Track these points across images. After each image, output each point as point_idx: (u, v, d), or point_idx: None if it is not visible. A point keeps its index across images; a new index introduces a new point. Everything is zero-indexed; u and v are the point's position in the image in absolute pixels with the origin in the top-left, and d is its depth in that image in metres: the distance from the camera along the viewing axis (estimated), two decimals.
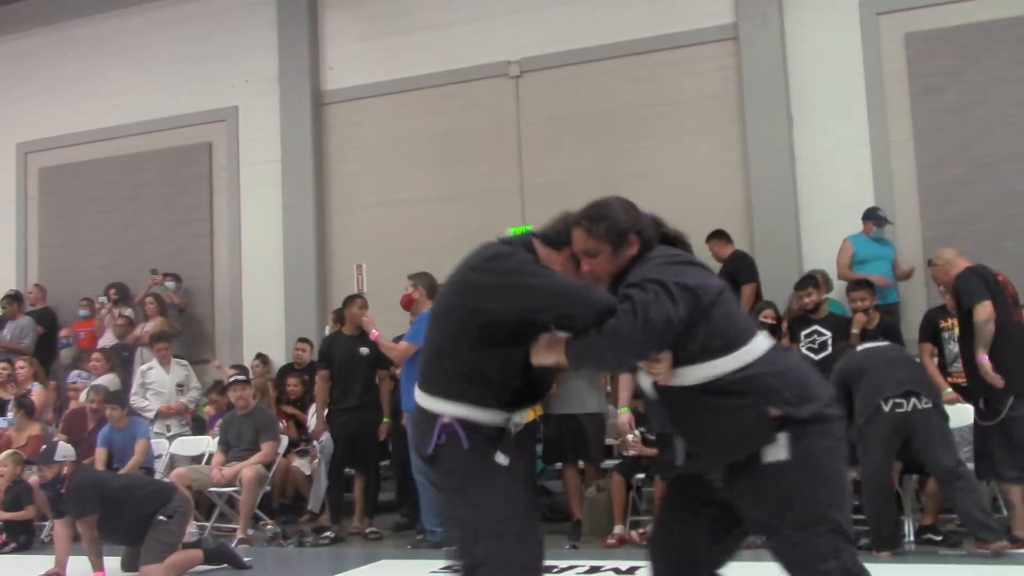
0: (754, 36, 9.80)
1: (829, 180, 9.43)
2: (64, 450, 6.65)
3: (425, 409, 3.24)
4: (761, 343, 3.02)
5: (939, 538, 6.51)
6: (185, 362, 9.99)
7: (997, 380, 6.13)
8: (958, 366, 7.09)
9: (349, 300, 8.49)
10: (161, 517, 6.34)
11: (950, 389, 7.13)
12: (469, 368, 3.13)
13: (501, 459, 3.15)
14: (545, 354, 3.05)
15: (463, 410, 3.15)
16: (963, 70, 9.25)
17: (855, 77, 9.52)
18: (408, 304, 7.68)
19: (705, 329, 2.94)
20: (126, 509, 6.37)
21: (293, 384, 9.54)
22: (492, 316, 3.07)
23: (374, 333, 7.67)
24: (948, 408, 6.53)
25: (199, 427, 9.66)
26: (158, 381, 9.52)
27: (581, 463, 7.62)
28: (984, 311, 6.18)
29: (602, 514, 7.36)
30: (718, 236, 9.09)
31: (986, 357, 6.17)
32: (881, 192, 9.28)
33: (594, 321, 2.89)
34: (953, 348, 7.23)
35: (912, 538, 6.63)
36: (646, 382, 3.13)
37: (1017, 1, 9.11)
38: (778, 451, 2.91)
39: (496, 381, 3.14)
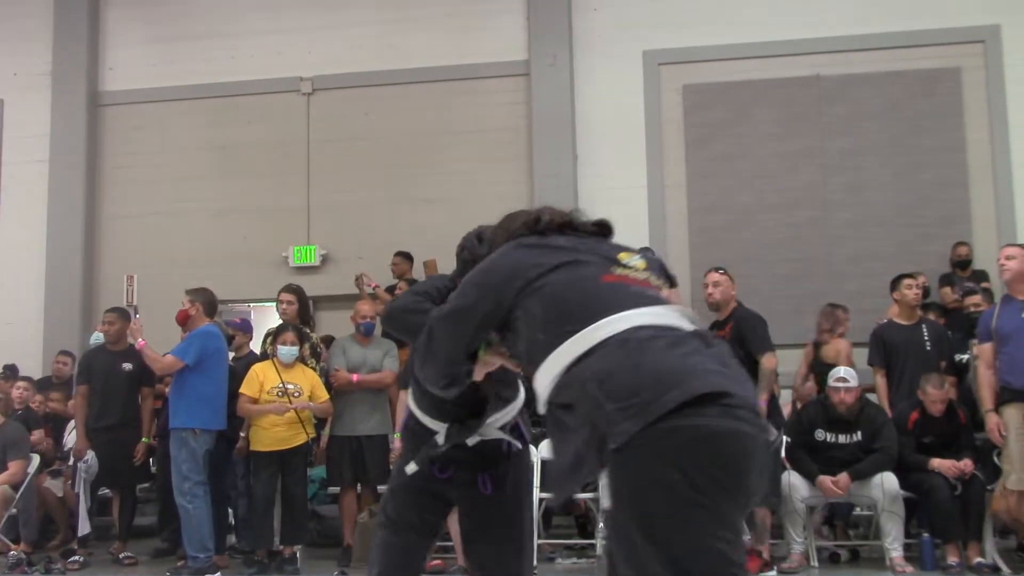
0: (544, 75, 10.14)
1: (607, 218, 9.78)
2: None
3: None
4: (614, 323, 2.19)
5: None
6: None
7: None
8: None
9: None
10: None
11: None
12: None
13: (410, 467, 3.27)
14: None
15: (411, 402, 3.37)
16: (733, 123, 9.93)
17: (636, 121, 10.03)
18: (184, 320, 7.35)
19: (537, 313, 2.34)
20: None
21: (56, 399, 8.87)
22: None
23: (140, 342, 7.29)
24: None
25: None
26: None
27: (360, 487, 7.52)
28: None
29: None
30: None
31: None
32: (655, 233, 9.76)
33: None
34: None
35: None
36: None
37: (783, 64, 9.88)
38: (604, 498, 2.14)
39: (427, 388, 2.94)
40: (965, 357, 7.34)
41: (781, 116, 9.91)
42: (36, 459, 8.02)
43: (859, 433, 6.68)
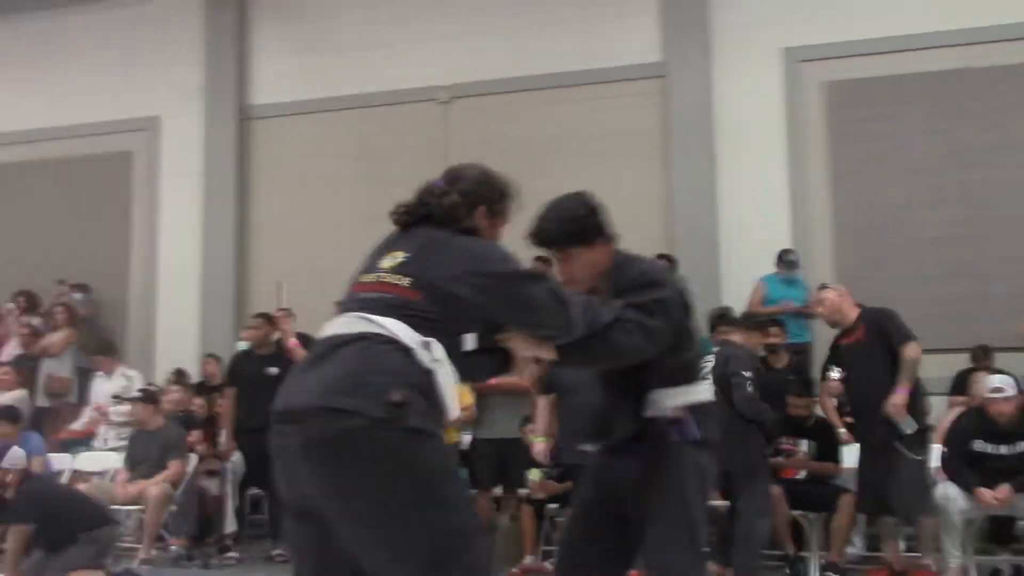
0: (681, 76, 10.01)
1: (748, 220, 9.64)
2: (14, 456, 6.60)
3: None
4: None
5: None
6: (132, 372, 9.55)
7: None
8: None
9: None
10: (83, 538, 6.21)
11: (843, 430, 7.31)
12: None
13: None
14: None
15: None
16: (879, 120, 9.58)
17: (777, 121, 9.79)
18: None
19: None
20: (62, 523, 6.24)
21: (199, 404, 9.22)
22: None
23: (292, 341, 7.53)
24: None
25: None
26: (96, 392, 9.25)
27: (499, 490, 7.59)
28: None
29: (513, 543, 7.34)
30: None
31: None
32: (797, 234, 9.52)
33: None
34: None
35: (818, 574, 6.77)
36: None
37: (931, 57, 9.48)
38: None
39: None
40: None
41: (928, 111, 9.51)
42: (194, 459, 8.39)
43: (1021, 444, 6.36)
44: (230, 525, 8.23)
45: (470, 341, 2.72)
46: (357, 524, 2.46)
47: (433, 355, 2.58)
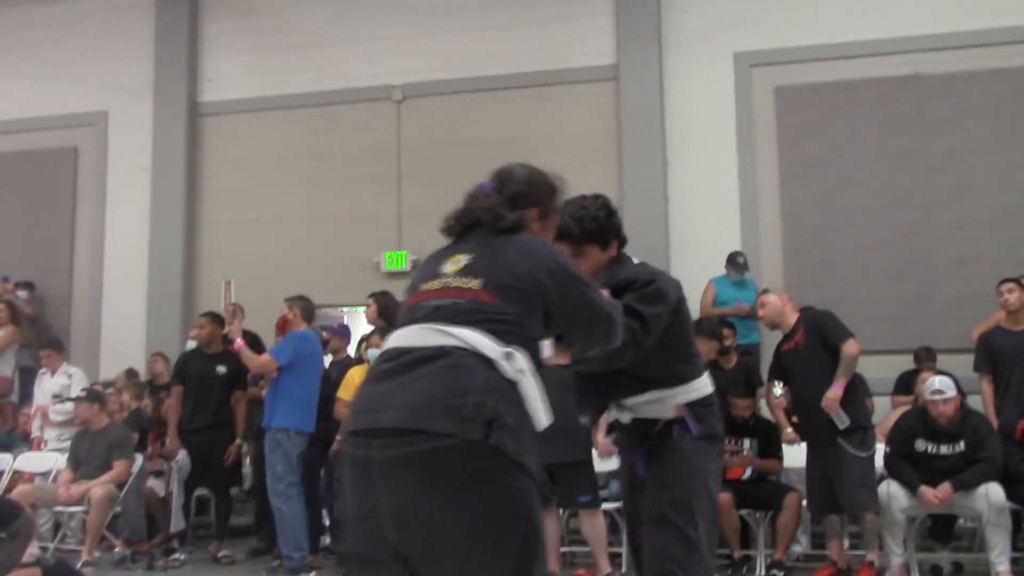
0: (634, 78, 10.06)
1: (699, 222, 9.71)
2: None
3: None
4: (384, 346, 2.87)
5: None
6: (74, 370, 9.38)
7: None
8: None
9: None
10: (1, 536, 6.01)
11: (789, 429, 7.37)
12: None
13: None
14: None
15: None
16: (828, 124, 9.69)
17: (728, 124, 9.87)
18: (283, 326, 7.50)
19: None
20: None
21: (146, 404, 9.10)
22: None
23: (238, 342, 7.44)
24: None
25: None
26: (39, 390, 9.07)
27: None
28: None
29: None
30: None
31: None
32: (747, 236, 9.61)
33: None
34: None
35: (763, 572, 6.83)
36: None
37: (880, 63, 9.62)
38: None
39: None
40: None
41: (878, 116, 9.64)
42: (139, 459, 8.27)
43: (962, 443, 6.46)
44: (176, 524, 8.15)
45: (547, 348, 2.66)
46: (439, 539, 2.39)
47: (516, 366, 2.48)
